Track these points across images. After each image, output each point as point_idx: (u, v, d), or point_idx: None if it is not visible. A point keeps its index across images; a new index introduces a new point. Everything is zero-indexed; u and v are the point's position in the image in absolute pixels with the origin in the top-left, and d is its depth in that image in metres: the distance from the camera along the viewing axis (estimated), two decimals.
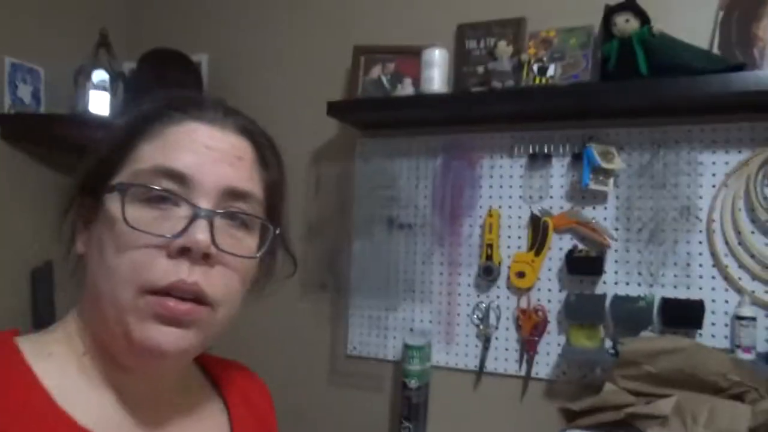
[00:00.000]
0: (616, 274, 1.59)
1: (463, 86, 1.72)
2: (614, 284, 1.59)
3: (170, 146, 0.62)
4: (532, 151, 1.66)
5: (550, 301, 1.65)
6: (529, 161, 1.68)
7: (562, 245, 1.64)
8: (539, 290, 1.66)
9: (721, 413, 1.27)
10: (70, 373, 0.61)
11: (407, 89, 1.75)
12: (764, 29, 1.43)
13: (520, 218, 1.69)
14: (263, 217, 0.69)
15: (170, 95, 0.67)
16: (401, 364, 1.72)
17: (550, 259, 1.65)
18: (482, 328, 1.70)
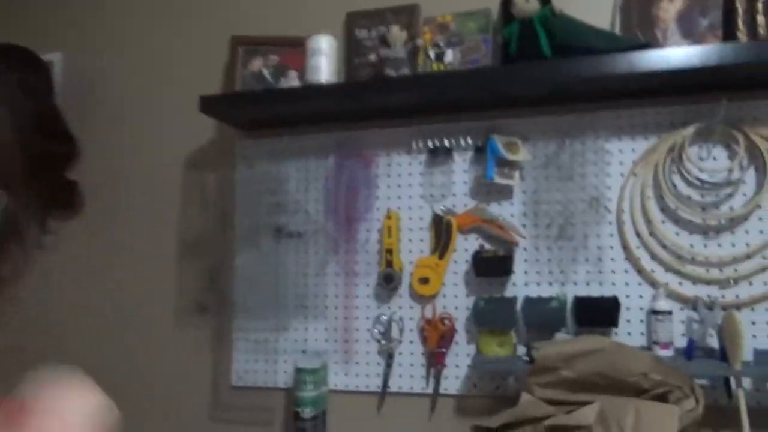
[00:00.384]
0: (525, 274, 1.46)
1: (354, 78, 1.56)
2: (524, 285, 1.46)
3: None
4: (432, 145, 1.52)
5: (457, 308, 1.49)
6: (429, 157, 1.54)
7: (467, 246, 1.50)
8: (445, 297, 1.50)
9: (647, 416, 1.14)
10: None
11: (292, 82, 1.57)
12: (665, 10, 1.37)
13: (421, 219, 1.53)
14: None
15: None
16: (293, 391, 1.49)
17: (455, 262, 1.50)
18: (384, 343, 1.51)
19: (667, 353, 1.32)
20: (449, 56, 1.48)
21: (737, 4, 1.32)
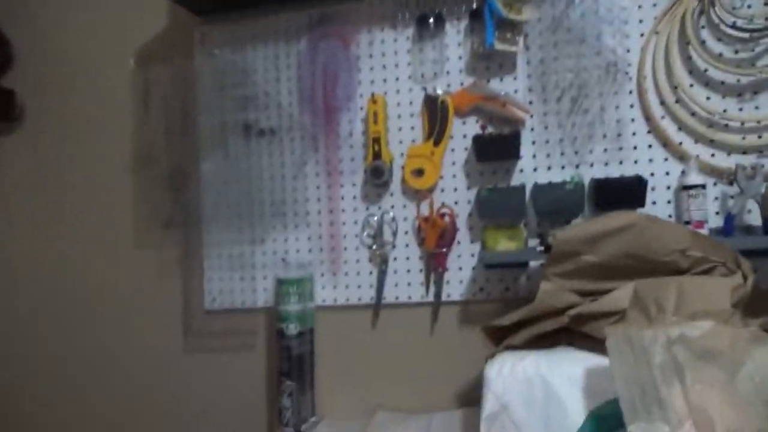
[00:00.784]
0: (534, 158, 1.27)
1: None
2: (533, 171, 1.27)
3: None
4: (419, 15, 1.31)
5: (457, 202, 1.30)
6: (417, 30, 1.32)
7: (466, 131, 1.30)
8: (443, 191, 1.30)
9: (692, 293, 0.96)
10: None
11: None
12: None
13: (411, 104, 1.32)
14: None
15: None
16: (275, 307, 1.31)
17: (453, 150, 1.30)
18: (376, 248, 1.32)
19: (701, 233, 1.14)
20: None
21: None
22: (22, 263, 1.55)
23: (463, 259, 1.29)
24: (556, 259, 1.08)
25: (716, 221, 1.18)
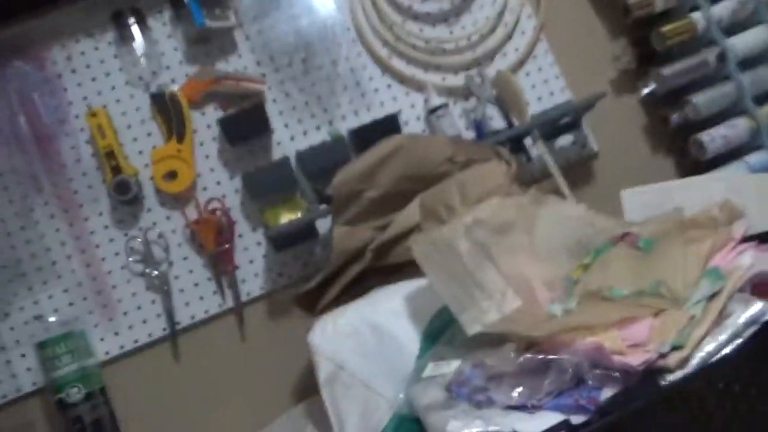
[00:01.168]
0: (287, 127, 1.22)
1: None
2: (291, 140, 1.22)
3: None
4: (114, 15, 1.19)
5: (225, 195, 1.19)
6: (117, 33, 1.19)
7: (208, 121, 1.20)
8: (206, 188, 1.19)
9: (471, 184, 0.99)
10: None
11: None
12: None
13: (138, 110, 1.19)
14: None
15: None
16: (48, 377, 1.06)
17: (202, 144, 1.19)
18: (150, 273, 1.15)
19: None
20: None
21: None
22: None
23: (251, 251, 1.19)
24: (339, 205, 1.05)
25: (468, 135, 1.25)
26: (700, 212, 0.83)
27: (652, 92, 1.28)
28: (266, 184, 1.16)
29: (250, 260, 1.18)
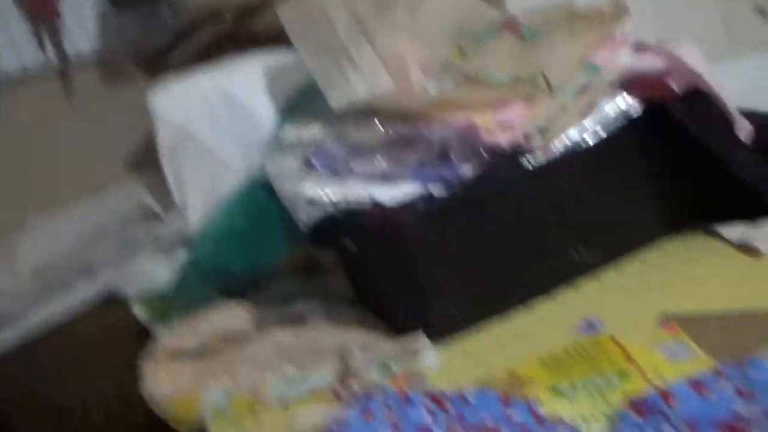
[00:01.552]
0: None
1: None
2: None
3: None
4: None
5: None
6: None
7: None
8: None
9: None
10: None
11: None
12: None
13: None
14: None
15: None
16: None
17: None
18: None
19: None
20: None
21: None
22: None
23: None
24: None
25: None
26: (590, 5, 0.80)
27: None
28: None
29: (77, 14, 0.99)
